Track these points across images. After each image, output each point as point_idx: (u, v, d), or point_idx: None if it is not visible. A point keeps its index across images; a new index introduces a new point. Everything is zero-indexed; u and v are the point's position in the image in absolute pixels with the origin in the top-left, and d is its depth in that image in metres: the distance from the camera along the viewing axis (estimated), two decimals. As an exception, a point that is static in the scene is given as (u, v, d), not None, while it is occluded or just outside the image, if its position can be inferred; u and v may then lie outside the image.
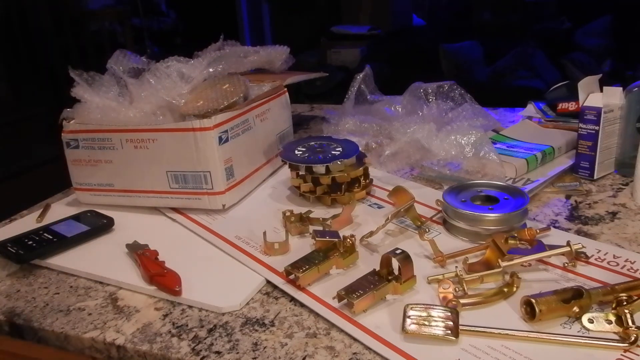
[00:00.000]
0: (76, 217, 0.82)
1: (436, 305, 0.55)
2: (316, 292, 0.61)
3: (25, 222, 0.85)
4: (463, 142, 0.86)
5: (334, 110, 1.10)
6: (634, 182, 0.81)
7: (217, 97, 0.82)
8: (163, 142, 0.79)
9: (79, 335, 0.59)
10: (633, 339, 0.50)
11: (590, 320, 0.53)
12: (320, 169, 0.81)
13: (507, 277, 0.60)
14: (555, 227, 0.73)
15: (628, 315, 0.51)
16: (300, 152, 0.86)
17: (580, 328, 0.53)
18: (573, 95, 0.97)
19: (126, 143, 0.81)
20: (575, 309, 0.54)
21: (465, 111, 0.94)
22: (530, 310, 0.54)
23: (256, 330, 0.57)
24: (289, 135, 1.03)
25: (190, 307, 0.62)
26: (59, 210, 0.88)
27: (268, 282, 0.65)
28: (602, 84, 0.86)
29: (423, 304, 0.55)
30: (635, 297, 0.53)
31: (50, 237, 0.76)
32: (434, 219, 0.76)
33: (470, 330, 0.53)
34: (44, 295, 0.67)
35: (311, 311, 0.59)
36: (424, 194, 0.83)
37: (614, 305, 0.54)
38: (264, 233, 0.71)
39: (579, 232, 0.72)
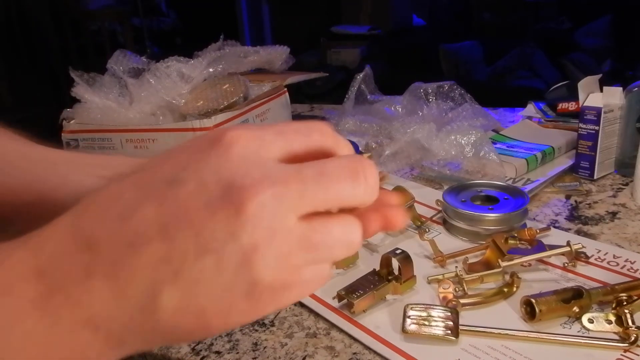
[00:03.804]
0: (76, 217, 0.82)
1: (436, 305, 0.55)
2: (316, 292, 0.61)
3: (25, 222, 0.85)
4: (463, 142, 0.86)
5: (334, 110, 1.10)
6: (634, 182, 0.81)
7: (217, 97, 0.82)
8: (163, 142, 0.79)
9: (79, 335, 0.59)
10: (633, 339, 0.50)
11: (590, 320, 0.53)
12: (320, 169, 0.81)
13: (507, 277, 0.60)
14: (555, 227, 0.73)
15: (628, 315, 0.51)
16: (300, 152, 0.85)
17: (580, 328, 0.53)
18: (573, 95, 0.97)
19: (126, 143, 0.81)
20: (575, 309, 0.54)
21: (465, 111, 0.94)
22: (530, 310, 0.54)
23: (256, 330, 0.57)
24: (289, 135, 1.03)
25: (190, 307, 0.62)
26: (59, 210, 0.88)
27: (268, 282, 0.65)
28: (602, 84, 0.86)
29: (423, 304, 0.55)
30: (635, 297, 0.53)
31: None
32: (434, 219, 0.76)
33: (470, 330, 0.53)
34: (44, 295, 0.66)
35: (311, 311, 0.59)
36: (424, 194, 0.83)
37: (614, 305, 0.54)
38: (264, 233, 0.70)
39: (579, 232, 0.72)
